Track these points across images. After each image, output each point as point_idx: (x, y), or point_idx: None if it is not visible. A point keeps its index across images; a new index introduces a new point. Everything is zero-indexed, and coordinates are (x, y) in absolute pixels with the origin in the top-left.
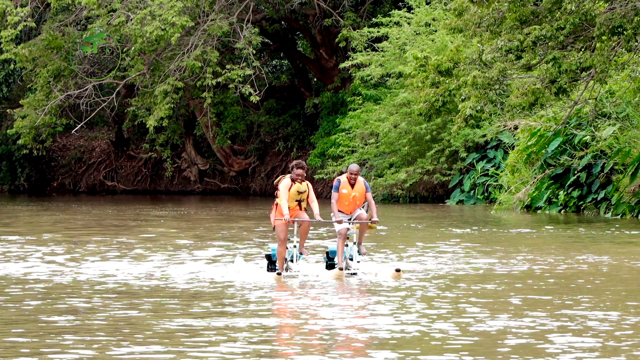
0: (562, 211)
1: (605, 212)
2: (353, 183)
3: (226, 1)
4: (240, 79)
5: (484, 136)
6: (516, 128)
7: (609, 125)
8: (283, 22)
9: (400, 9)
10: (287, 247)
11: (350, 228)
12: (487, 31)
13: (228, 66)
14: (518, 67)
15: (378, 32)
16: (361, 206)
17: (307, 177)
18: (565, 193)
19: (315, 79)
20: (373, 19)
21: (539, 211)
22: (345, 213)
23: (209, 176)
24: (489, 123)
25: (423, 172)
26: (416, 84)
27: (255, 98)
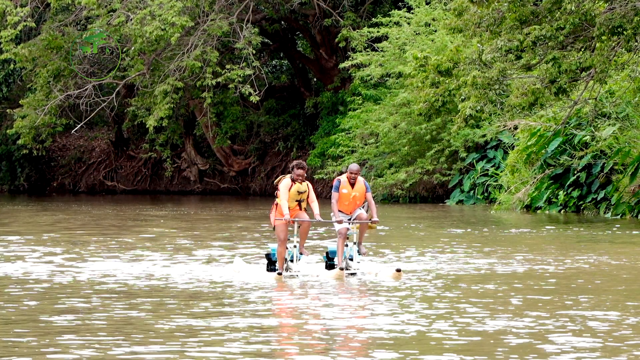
0: (562, 211)
1: (605, 212)
2: (353, 183)
3: (226, 1)
4: (240, 79)
5: (484, 136)
6: (516, 128)
7: (609, 125)
8: (283, 22)
9: (400, 9)
10: (287, 247)
11: (350, 228)
12: (487, 31)
13: (228, 66)
14: (518, 67)
15: (378, 32)
16: (361, 206)
17: (307, 177)
18: (565, 193)
19: (315, 79)
20: (373, 19)
21: (539, 211)
22: (345, 213)
23: (209, 176)
24: (489, 123)
25: (423, 172)
26: (416, 84)
27: (255, 98)
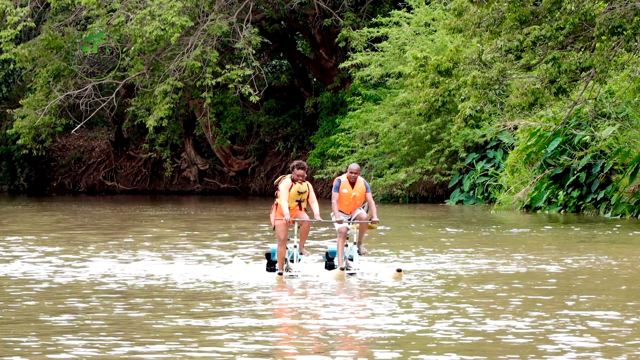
0: (562, 211)
1: (604, 212)
2: (353, 182)
3: (226, 1)
4: (240, 79)
5: (484, 136)
6: (516, 128)
7: (609, 125)
8: (283, 22)
9: (399, 9)
10: (287, 247)
11: (350, 228)
12: (487, 31)
13: (228, 66)
14: (518, 67)
15: (378, 32)
16: (361, 206)
17: (307, 177)
18: (564, 193)
19: (314, 79)
20: (373, 19)
21: (539, 211)
22: (345, 213)
23: (209, 176)
24: (489, 123)
25: (423, 172)
26: (416, 84)
27: (254, 98)
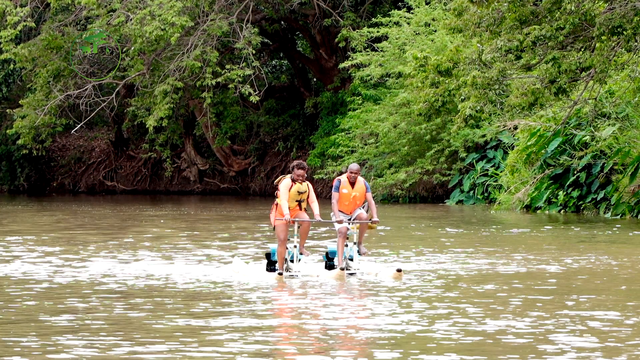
0: (562, 211)
1: (604, 212)
2: (353, 182)
3: (226, 1)
4: (239, 79)
5: (484, 136)
6: (516, 128)
7: (609, 125)
8: (283, 22)
9: (399, 9)
10: (287, 247)
11: (350, 228)
12: (487, 31)
13: (228, 66)
14: (518, 67)
15: (378, 32)
16: (361, 206)
17: (307, 177)
18: (564, 193)
19: (314, 79)
20: (373, 19)
21: (539, 211)
22: (345, 213)
23: (209, 176)
24: (489, 123)
25: (423, 172)
26: (416, 84)
27: (254, 98)
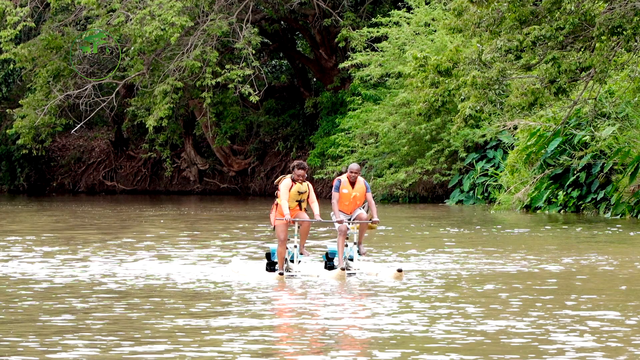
0: (562, 211)
1: (604, 212)
2: (353, 182)
3: (225, 1)
4: (239, 79)
5: (484, 136)
6: (516, 128)
7: (609, 125)
8: (282, 22)
9: (399, 9)
10: (287, 247)
11: (350, 228)
12: (487, 31)
13: (227, 66)
14: (517, 67)
15: (377, 32)
16: (361, 206)
17: (307, 177)
18: (564, 193)
19: (314, 79)
20: (372, 19)
21: (539, 211)
22: (345, 213)
23: (209, 176)
24: (489, 123)
25: (422, 172)
26: (415, 84)
27: (254, 98)
